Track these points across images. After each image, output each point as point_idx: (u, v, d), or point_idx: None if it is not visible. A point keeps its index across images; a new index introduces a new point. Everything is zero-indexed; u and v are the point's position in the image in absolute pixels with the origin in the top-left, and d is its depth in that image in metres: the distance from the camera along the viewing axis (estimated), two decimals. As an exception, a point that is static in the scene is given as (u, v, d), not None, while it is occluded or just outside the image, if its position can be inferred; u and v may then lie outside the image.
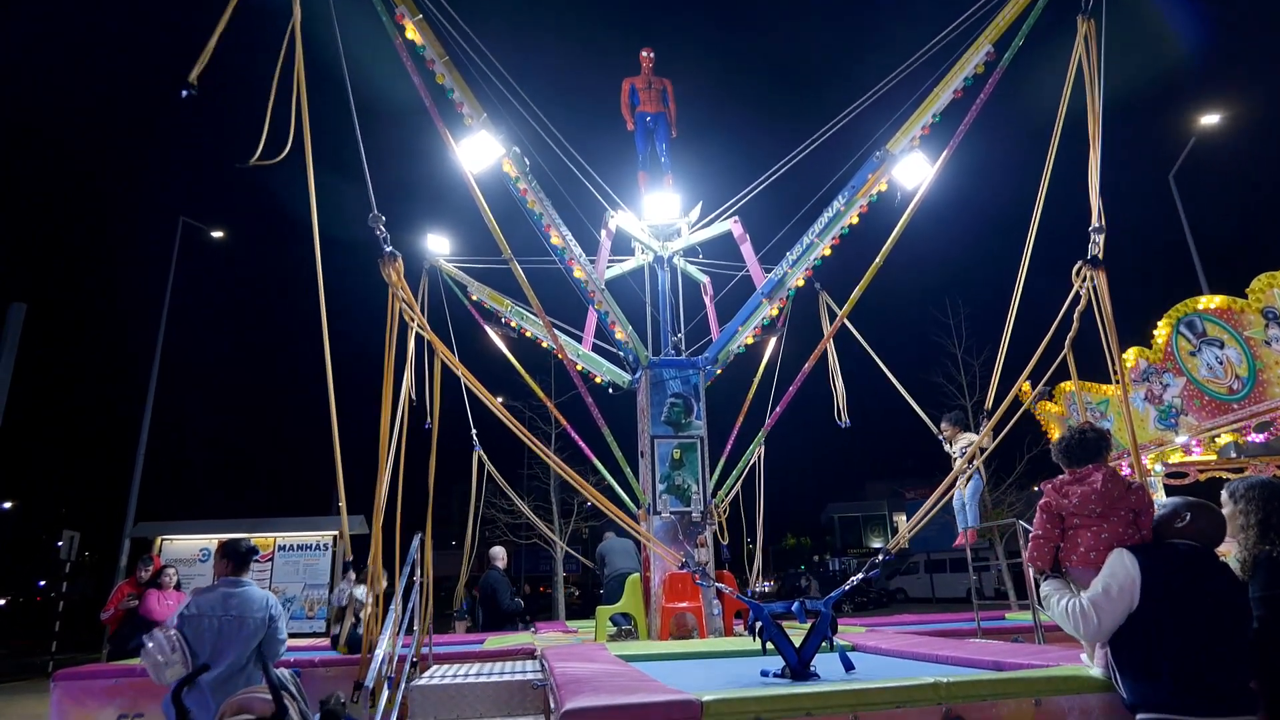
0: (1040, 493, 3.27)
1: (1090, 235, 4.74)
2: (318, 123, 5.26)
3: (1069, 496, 3.12)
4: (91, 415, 39.64)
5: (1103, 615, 2.71)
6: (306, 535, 14.87)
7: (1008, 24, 6.67)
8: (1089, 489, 3.06)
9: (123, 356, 42.91)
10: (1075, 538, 3.06)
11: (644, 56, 10.51)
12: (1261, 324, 7.87)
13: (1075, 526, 3.07)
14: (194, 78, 4.81)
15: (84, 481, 37.80)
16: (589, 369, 10.01)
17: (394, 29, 6.58)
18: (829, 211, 8.13)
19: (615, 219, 9.96)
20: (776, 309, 9.48)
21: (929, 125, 7.25)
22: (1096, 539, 2.97)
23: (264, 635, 4.48)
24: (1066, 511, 3.12)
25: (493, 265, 9.94)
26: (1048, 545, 3.15)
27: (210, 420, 52.15)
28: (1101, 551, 2.91)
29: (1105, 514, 3.00)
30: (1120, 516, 2.99)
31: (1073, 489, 3.13)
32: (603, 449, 9.22)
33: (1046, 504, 3.21)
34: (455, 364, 5.82)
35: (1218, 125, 18.59)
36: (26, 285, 40.77)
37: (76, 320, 44.16)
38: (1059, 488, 3.20)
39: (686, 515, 8.22)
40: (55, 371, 36.25)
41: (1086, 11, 5.91)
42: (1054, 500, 3.17)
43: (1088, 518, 3.04)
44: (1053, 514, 3.17)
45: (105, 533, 27.51)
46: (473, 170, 6.81)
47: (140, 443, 17.90)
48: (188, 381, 44.64)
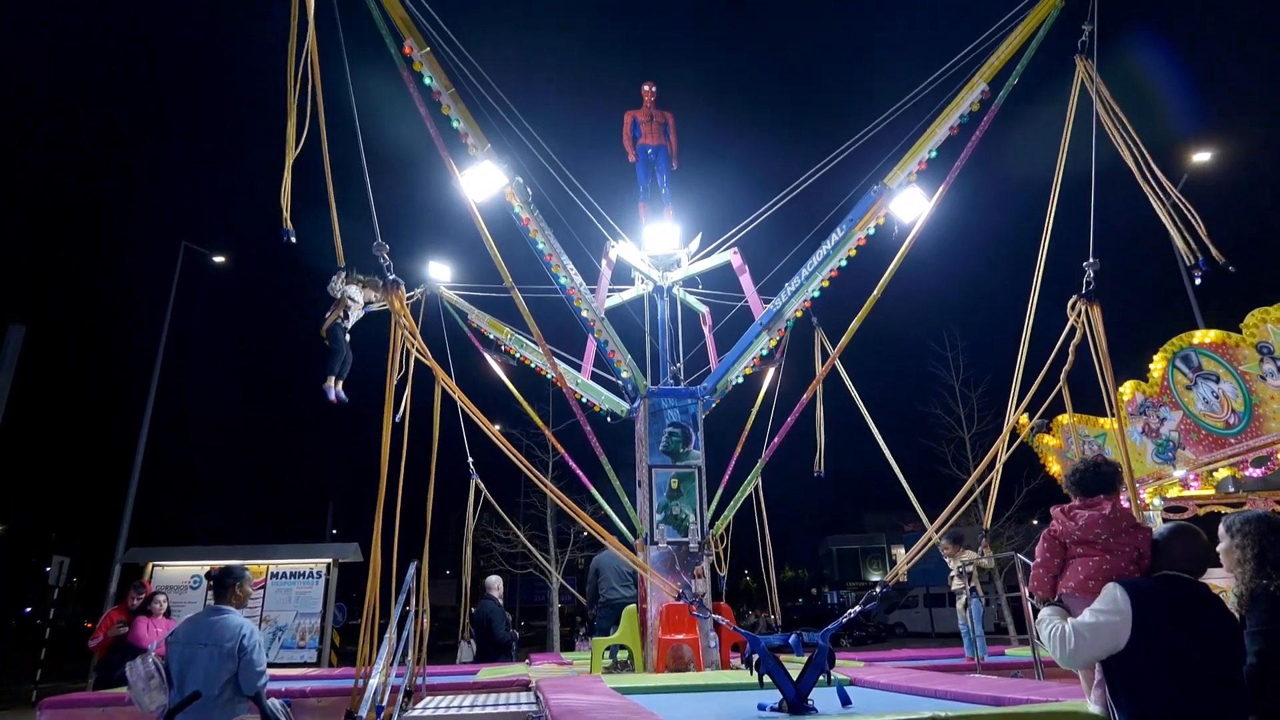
0: (1041, 525, 3.28)
1: (1084, 269, 4.79)
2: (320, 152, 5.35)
3: (1075, 519, 3.13)
4: (85, 439, 39.44)
5: (1082, 643, 2.70)
6: (300, 563, 14.71)
7: (1002, 63, 6.83)
8: (1096, 513, 3.08)
9: (119, 380, 42.86)
10: (1076, 565, 3.05)
11: (646, 90, 10.69)
12: (1256, 359, 7.92)
13: (1078, 555, 3.07)
14: (288, 224, 5.04)
15: (75, 506, 37.50)
16: (588, 397, 10.01)
17: (402, 61, 6.71)
18: (827, 243, 8.22)
19: (616, 249, 10.05)
20: (775, 340, 9.53)
21: (925, 160, 7.37)
22: (1098, 569, 2.96)
23: (238, 666, 4.31)
24: (1071, 538, 3.12)
25: (493, 293, 10.00)
26: (1048, 575, 3.15)
27: (205, 445, 51.99)
28: (1100, 581, 2.91)
29: (1110, 546, 3.00)
30: (1125, 552, 2.98)
31: (1080, 512, 3.15)
32: (600, 478, 9.20)
33: (1051, 531, 3.21)
34: (454, 390, 5.84)
35: (1209, 162, 18.86)
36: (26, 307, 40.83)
37: (74, 343, 44.18)
38: (1068, 511, 3.21)
39: (684, 545, 8.17)
40: (50, 393, 36.15)
41: (1082, 51, 6.05)
42: (1060, 525, 3.18)
43: (1091, 545, 3.04)
44: (1056, 542, 3.17)
45: (95, 558, 27.24)
46: (476, 199, 6.89)
47: (135, 467, 17.80)
48: (183, 406, 44.56)
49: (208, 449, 49.49)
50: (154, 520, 29.51)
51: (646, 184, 10.70)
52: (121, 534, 16.79)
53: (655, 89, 10.71)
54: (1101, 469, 3.24)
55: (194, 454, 44.99)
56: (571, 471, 9.57)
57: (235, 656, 4.30)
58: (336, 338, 7.13)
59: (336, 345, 7.17)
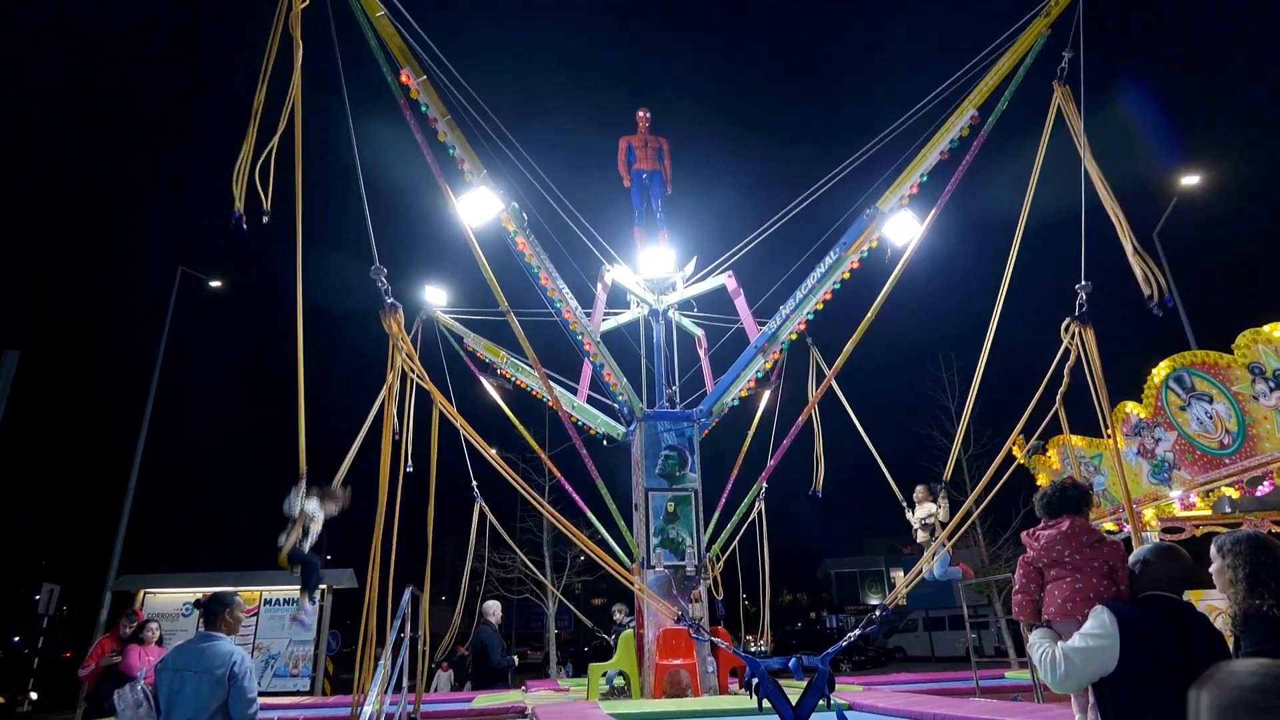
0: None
1: (1077, 292, 4.84)
2: (320, 178, 5.40)
3: (1038, 539, 3.19)
4: (77, 464, 39.11)
5: (1072, 667, 2.71)
6: (293, 589, 14.56)
7: (990, 89, 6.94)
8: (1055, 531, 3.14)
9: (112, 404, 42.62)
10: (1053, 590, 3.09)
11: (641, 116, 10.83)
12: (1248, 379, 7.95)
13: (1053, 578, 3.11)
14: (240, 208, 4.99)
15: (66, 532, 37.08)
16: (584, 421, 10.01)
17: (399, 89, 6.79)
18: (821, 266, 8.29)
19: (611, 273, 10.10)
20: (771, 362, 9.56)
21: (917, 184, 7.45)
22: (1072, 589, 3.00)
23: (229, 693, 4.25)
24: (1042, 562, 3.16)
25: (489, 317, 10.03)
26: (1028, 600, 3.19)
27: (198, 468, 51.52)
28: (1078, 603, 2.94)
29: (1078, 564, 3.04)
30: (1094, 568, 3.02)
31: (1042, 532, 3.22)
32: (597, 502, 9.17)
33: (1024, 557, 3.27)
34: (452, 414, 5.84)
35: (1197, 186, 19.09)
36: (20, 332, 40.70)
37: (67, 367, 43.95)
38: (1032, 533, 3.28)
39: (681, 569, 8.13)
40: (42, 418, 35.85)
41: (1061, 78, 6.17)
42: (1029, 548, 3.23)
43: (1061, 566, 3.08)
44: (1030, 567, 3.22)
45: (86, 586, 26.89)
46: (472, 224, 6.94)
47: (128, 492, 17.66)
48: (177, 430, 44.27)
49: (200, 472, 49.12)
50: (145, 546, 29.18)
51: (641, 208, 10.79)
52: (113, 561, 16.61)
53: (650, 115, 10.85)
54: (1067, 492, 3.28)
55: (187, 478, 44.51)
56: (568, 495, 9.55)
57: (225, 684, 4.24)
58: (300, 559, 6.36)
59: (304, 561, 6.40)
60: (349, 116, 5.64)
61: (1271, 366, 7.57)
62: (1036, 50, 6.92)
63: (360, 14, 6.42)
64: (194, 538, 43.67)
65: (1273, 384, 7.64)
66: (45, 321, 42.36)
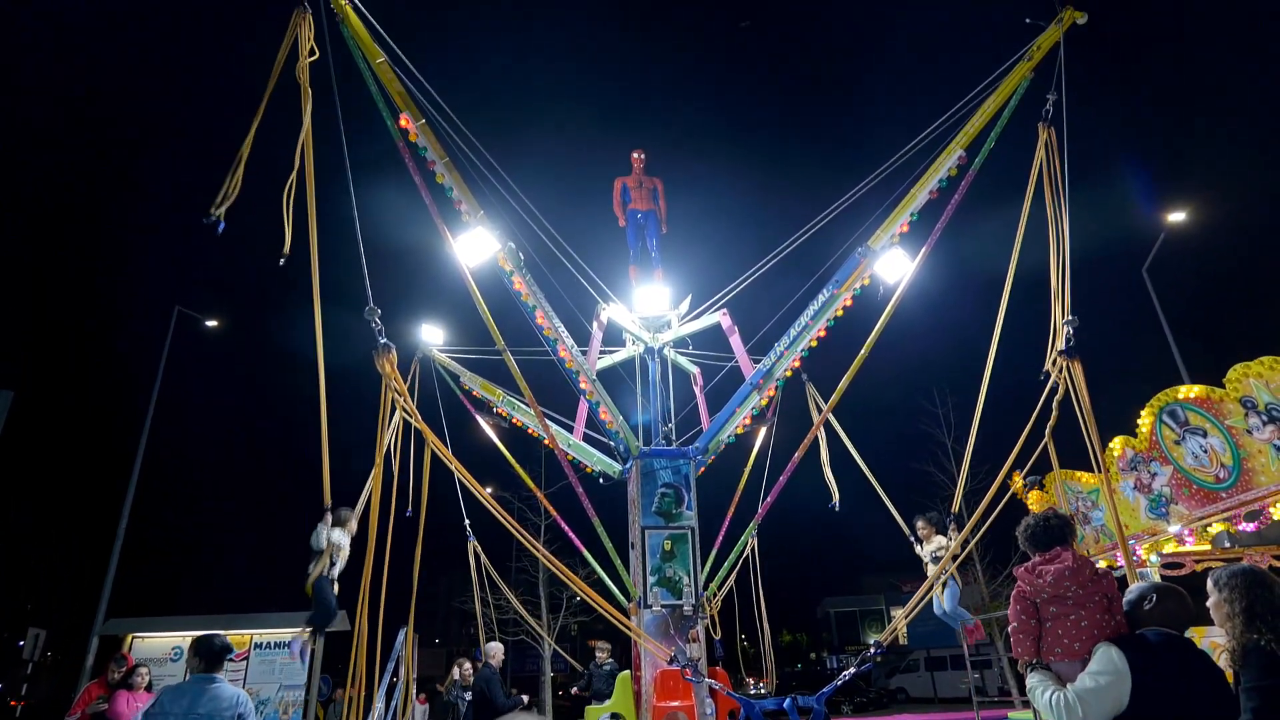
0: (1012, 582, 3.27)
1: (1064, 327, 4.90)
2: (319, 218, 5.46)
3: (1043, 576, 3.12)
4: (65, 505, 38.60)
5: (1088, 709, 2.68)
6: (285, 633, 14.31)
7: (977, 130, 7.10)
8: (1062, 566, 3.08)
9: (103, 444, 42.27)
10: (1055, 629, 3.03)
11: (635, 157, 11.01)
12: (1241, 413, 7.99)
13: (1053, 616, 3.06)
14: (219, 212, 5.00)
15: (53, 575, 36.46)
16: (580, 459, 9.98)
17: (398, 133, 6.92)
18: (815, 304, 8.36)
19: (607, 311, 10.18)
20: (766, 399, 9.58)
21: (908, 223, 7.57)
22: (1077, 627, 2.96)
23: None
24: (1041, 597, 3.11)
25: (485, 356, 10.07)
26: (1027, 637, 3.13)
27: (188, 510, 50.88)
28: (1084, 641, 2.90)
29: (1081, 600, 3.00)
30: (1096, 603, 2.98)
31: (1045, 568, 3.14)
32: (593, 541, 9.09)
33: (1020, 592, 3.20)
34: (446, 454, 5.83)
35: (1185, 222, 19.38)
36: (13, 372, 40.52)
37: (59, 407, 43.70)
38: (1032, 569, 3.20)
39: (678, 609, 8.03)
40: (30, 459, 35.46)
41: (1046, 120, 6.32)
42: (1027, 584, 3.17)
43: (1064, 604, 3.03)
44: (1027, 602, 3.16)
45: (71, 630, 26.38)
46: (469, 264, 7.02)
47: (118, 535, 17.43)
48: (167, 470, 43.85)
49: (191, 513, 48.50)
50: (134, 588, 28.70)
51: (637, 247, 10.92)
52: (101, 604, 16.33)
53: (644, 156, 11.04)
54: (1052, 523, 3.26)
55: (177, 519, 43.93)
56: (564, 535, 9.47)
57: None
58: (323, 591, 6.35)
59: (323, 599, 6.37)
60: (346, 160, 5.74)
61: (1264, 400, 7.62)
62: (1020, 92, 7.11)
63: (361, 60, 6.58)
64: (183, 580, 43.00)
65: (1265, 418, 7.68)
66: (39, 361, 42.24)
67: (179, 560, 44.66)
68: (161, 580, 39.74)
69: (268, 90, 5.60)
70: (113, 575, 16.81)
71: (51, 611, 34.37)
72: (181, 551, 44.60)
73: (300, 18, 5.83)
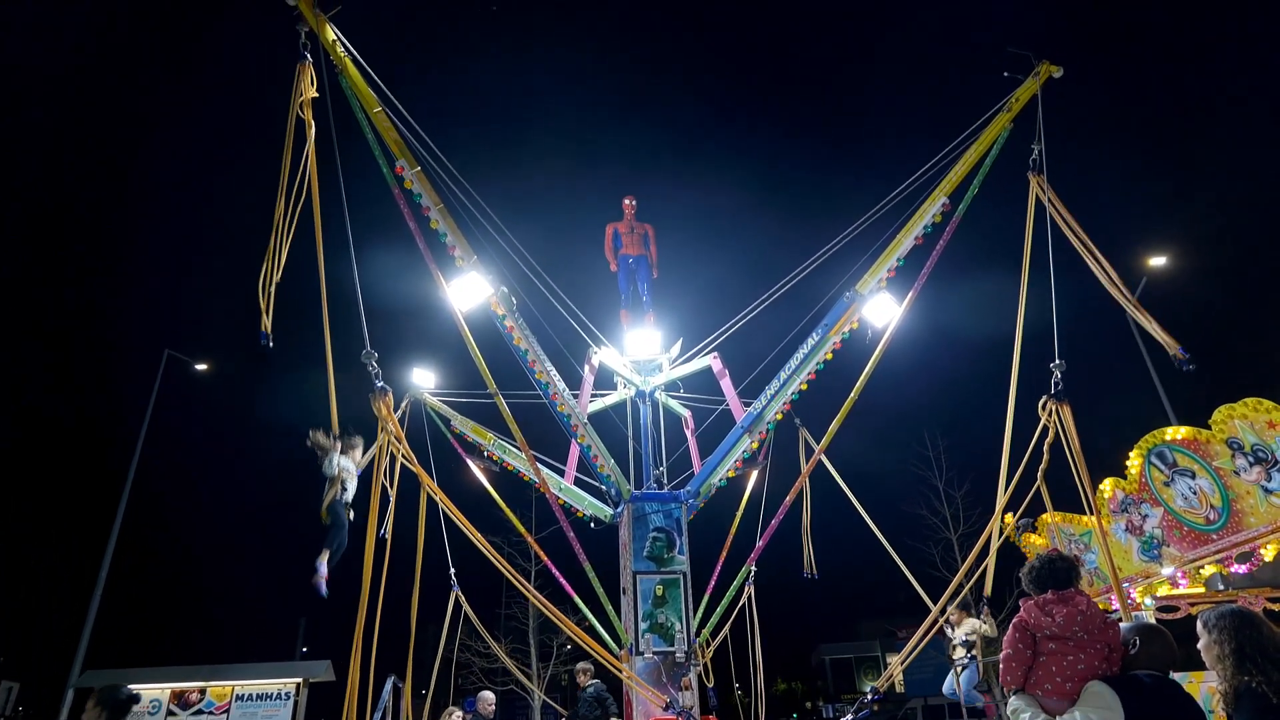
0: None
1: (1052, 370, 4.97)
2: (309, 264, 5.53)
3: (1053, 615, 3.11)
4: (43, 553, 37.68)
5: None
6: (267, 683, 13.95)
7: (960, 178, 7.29)
8: (1074, 610, 3.07)
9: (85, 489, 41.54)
10: (1050, 664, 3.03)
11: (626, 204, 11.20)
12: (1228, 454, 8.04)
13: (1050, 652, 3.05)
14: (267, 328, 5.07)
15: (27, 625, 35.42)
16: (571, 503, 9.91)
17: (394, 180, 7.03)
18: (804, 348, 8.44)
19: (598, 355, 10.22)
20: (757, 442, 9.59)
21: (894, 268, 7.71)
22: (1073, 668, 2.95)
23: None
24: (1044, 633, 3.10)
25: (476, 399, 10.05)
26: (1020, 666, 3.11)
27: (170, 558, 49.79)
28: (1076, 682, 2.90)
29: (1083, 644, 3.00)
30: (1097, 649, 2.99)
31: (1057, 609, 3.13)
32: (584, 586, 8.98)
33: (1023, 622, 3.18)
34: (440, 497, 5.80)
35: (1167, 266, 19.75)
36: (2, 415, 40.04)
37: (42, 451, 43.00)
38: (1042, 605, 3.18)
39: (670, 655, 7.91)
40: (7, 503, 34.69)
41: (1035, 169, 6.51)
42: (1033, 618, 3.16)
43: (1065, 643, 3.02)
44: (1027, 633, 3.15)
45: (45, 683, 25.55)
46: (462, 309, 7.07)
47: (98, 584, 17.04)
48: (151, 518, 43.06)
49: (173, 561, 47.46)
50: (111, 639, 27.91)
51: (628, 292, 11.02)
52: (78, 655, 15.89)
53: (635, 203, 11.22)
54: (1057, 564, 3.27)
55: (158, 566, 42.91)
56: (554, 580, 9.35)
57: None
58: (338, 516, 6.53)
59: (337, 521, 6.54)
60: (346, 210, 5.83)
61: (1250, 442, 7.67)
62: (1001, 142, 7.33)
63: (359, 111, 6.72)
64: (165, 630, 41.92)
65: (1252, 459, 7.72)
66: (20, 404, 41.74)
67: (160, 610, 43.59)
68: (141, 630, 38.72)
69: (284, 163, 5.70)
70: (91, 624, 16.39)
71: (25, 663, 33.30)
72: (163, 600, 43.56)
73: (302, 69, 5.98)
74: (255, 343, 5.19)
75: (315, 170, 5.68)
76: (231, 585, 58.12)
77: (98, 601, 16.82)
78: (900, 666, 6.25)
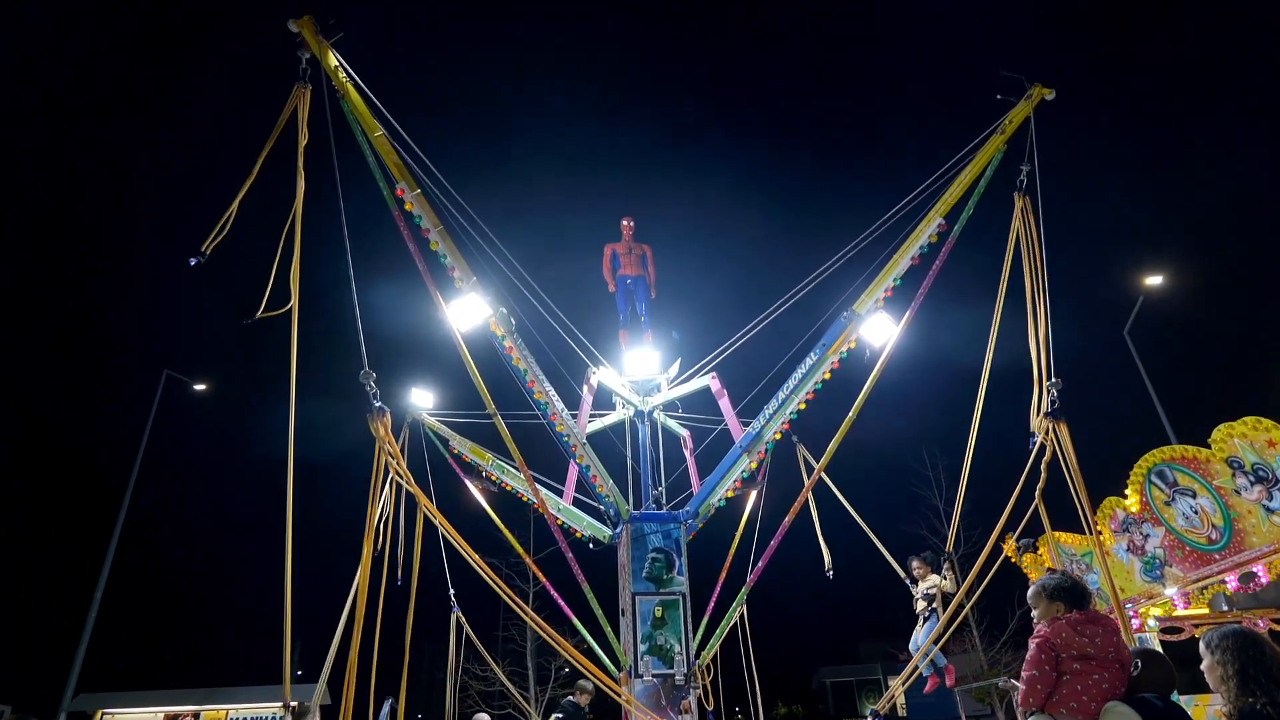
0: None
1: (1048, 389, 4.98)
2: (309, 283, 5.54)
3: (1088, 635, 3.07)
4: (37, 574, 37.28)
5: None
6: (261, 707, 13.81)
7: (955, 199, 7.35)
8: (1110, 630, 3.08)
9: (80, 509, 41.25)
10: (1074, 684, 3.00)
11: (625, 224, 11.25)
12: (1229, 473, 8.02)
13: (1075, 671, 3.03)
14: (206, 248, 5.08)
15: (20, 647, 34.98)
16: (569, 524, 9.86)
17: (394, 202, 7.07)
18: (802, 368, 8.45)
19: (597, 375, 10.23)
20: (756, 462, 9.56)
21: (891, 288, 7.74)
22: (1098, 688, 2.95)
23: None
24: (1070, 652, 3.07)
25: (474, 419, 10.03)
26: (1045, 688, 3.06)
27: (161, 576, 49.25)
28: (1099, 701, 2.91)
29: (1109, 663, 3.03)
30: (1116, 670, 3.03)
31: (1091, 628, 3.09)
32: (583, 607, 8.91)
33: (1048, 642, 3.13)
34: (438, 518, 5.78)
35: (1164, 284, 19.83)
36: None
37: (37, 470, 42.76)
38: (1075, 625, 3.12)
39: (669, 678, 7.83)
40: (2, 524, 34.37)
41: (1021, 189, 6.57)
42: (1062, 639, 3.10)
43: (1088, 662, 3.02)
44: (1052, 653, 3.11)
45: (37, 706, 25.22)
46: (461, 329, 7.08)
47: (93, 605, 16.90)
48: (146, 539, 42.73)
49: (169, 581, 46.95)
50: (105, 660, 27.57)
51: (626, 312, 11.05)
52: (71, 677, 15.71)
53: (633, 223, 11.28)
54: (1079, 585, 3.32)
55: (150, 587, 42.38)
56: (552, 602, 9.27)
57: None
58: None
59: None
60: (346, 233, 5.86)
61: (1250, 460, 7.66)
62: (996, 163, 7.39)
63: (360, 134, 6.77)
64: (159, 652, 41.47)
65: (1252, 478, 7.70)
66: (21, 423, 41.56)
67: (154, 632, 43.12)
68: (135, 653, 38.30)
69: (258, 161, 5.74)
70: (85, 647, 16.23)
71: (17, 686, 32.91)
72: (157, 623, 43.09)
73: (300, 92, 6.03)
74: (253, 366, 5.21)
75: (301, 191, 5.71)
76: (226, 608, 57.58)
77: (92, 624, 16.69)
78: (901, 689, 6.18)
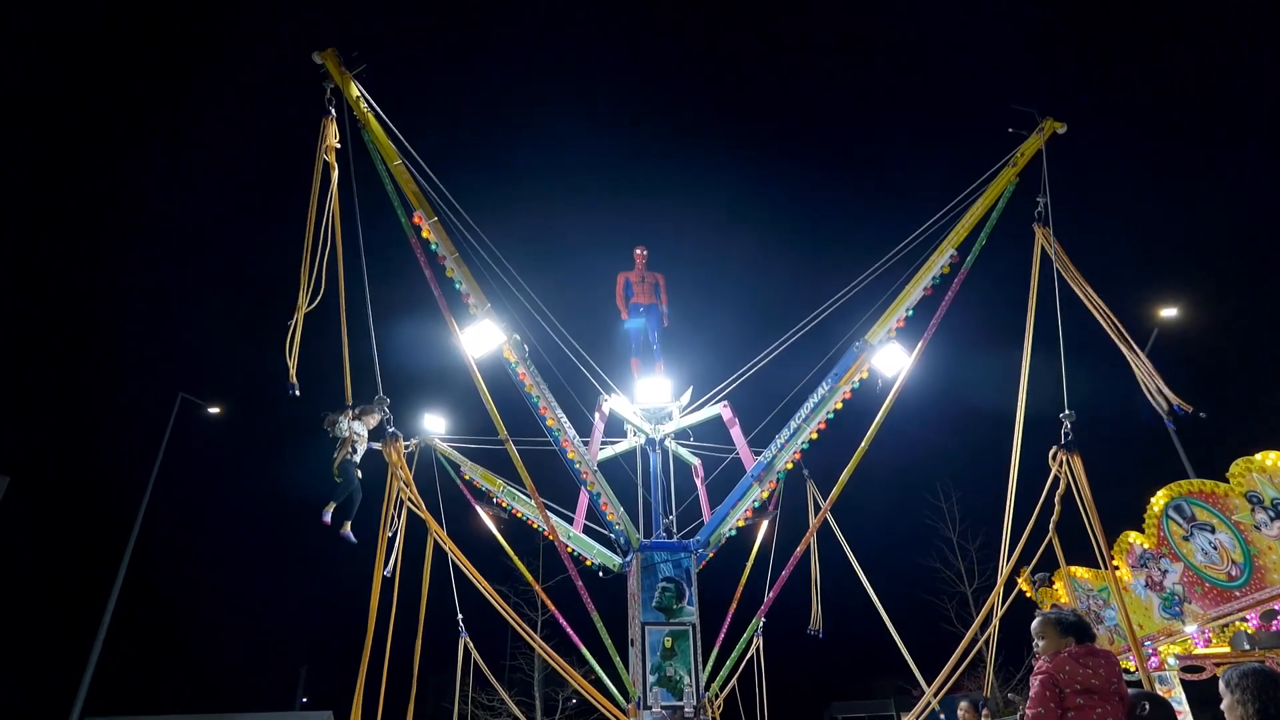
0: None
1: (1062, 421, 4.96)
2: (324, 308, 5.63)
3: (1092, 668, 3.05)
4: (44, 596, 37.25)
5: None
6: (267, 735, 13.69)
7: (967, 231, 7.38)
8: (1112, 664, 3.07)
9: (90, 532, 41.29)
10: (1079, 719, 2.99)
11: (638, 253, 11.35)
12: (1248, 508, 7.88)
13: (1079, 706, 3.00)
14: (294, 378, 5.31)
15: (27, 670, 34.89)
16: (579, 551, 9.82)
17: (411, 229, 7.19)
18: (814, 397, 8.44)
19: (609, 402, 10.24)
20: (767, 491, 9.51)
21: (904, 319, 7.76)
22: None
23: None
24: (1074, 687, 3.05)
25: (486, 445, 10.05)
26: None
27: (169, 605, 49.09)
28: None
29: (1110, 695, 3.00)
30: (1117, 704, 2.99)
31: (1094, 661, 3.08)
32: (591, 637, 8.83)
33: (1050, 677, 3.10)
34: (448, 543, 5.78)
35: (1180, 318, 19.65)
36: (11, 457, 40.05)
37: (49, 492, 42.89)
38: (1078, 658, 3.11)
39: (679, 710, 7.73)
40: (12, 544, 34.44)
41: (1040, 221, 6.60)
42: (1064, 672, 3.07)
43: (1091, 696, 2.99)
44: (1056, 689, 3.07)
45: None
46: (475, 356, 7.14)
47: (101, 627, 16.85)
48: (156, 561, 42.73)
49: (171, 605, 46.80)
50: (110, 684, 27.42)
51: (638, 340, 11.09)
52: (78, 701, 15.63)
53: (646, 252, 11.38)
54: (1083, 619, 3.32)
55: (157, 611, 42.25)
56: (560, 631, 9.20)
57: None
58: (348, 474, 7.14)
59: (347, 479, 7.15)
60: (363, 260, 5.96)
61: (1269, 496, 7.52)
62: (1007, 196, 7.43)
63: (379, 163, 6.92)
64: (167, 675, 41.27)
65: (1272, 513, 7.56)
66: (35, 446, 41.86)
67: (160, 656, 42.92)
68: (141, 677, 38.12)
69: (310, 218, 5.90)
70: (92, 668, 16.17)
71: (24, 710, 32.79)
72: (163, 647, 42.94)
73: (327, 122, 6.19)
74: (266, 388, 5.32)
75: (338, 211, 5.84)
76: (232, 633, 57.29)
77: (100, 646, 16.62)
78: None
